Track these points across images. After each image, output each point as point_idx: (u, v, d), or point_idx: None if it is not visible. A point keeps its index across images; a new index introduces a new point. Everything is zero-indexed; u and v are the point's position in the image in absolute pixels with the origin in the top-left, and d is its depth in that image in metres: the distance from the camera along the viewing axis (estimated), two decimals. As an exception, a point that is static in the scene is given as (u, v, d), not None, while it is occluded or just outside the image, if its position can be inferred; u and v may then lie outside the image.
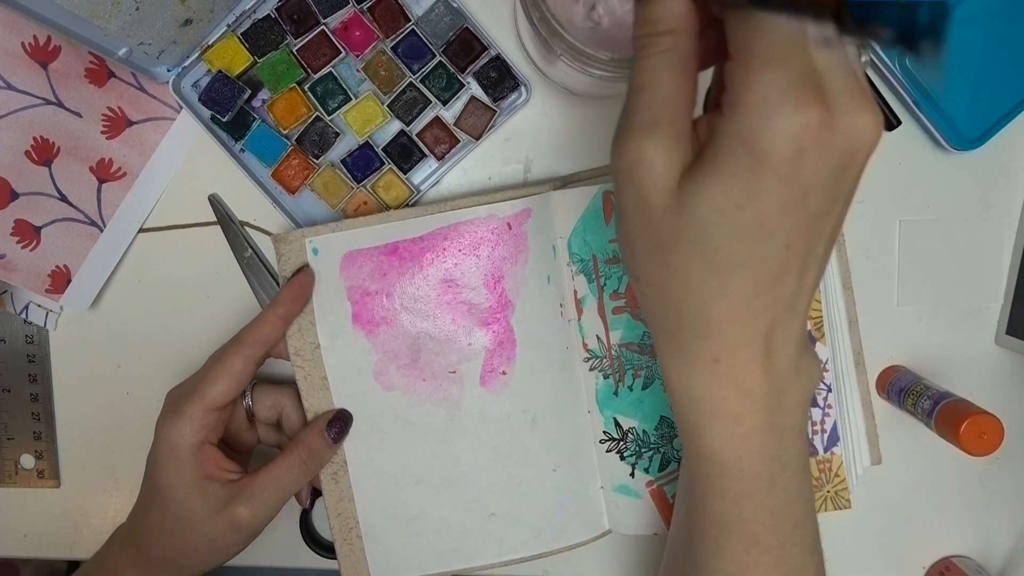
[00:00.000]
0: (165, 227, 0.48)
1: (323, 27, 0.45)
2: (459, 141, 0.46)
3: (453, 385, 0.44)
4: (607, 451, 0.46)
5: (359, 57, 0.45)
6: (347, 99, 0.46)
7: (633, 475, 0.46)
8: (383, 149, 0.46)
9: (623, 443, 0.46)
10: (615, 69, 0.34)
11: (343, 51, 0.45)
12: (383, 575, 0.45)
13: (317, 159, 0.46)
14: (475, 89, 0.46)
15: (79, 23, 0.37)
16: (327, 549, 0.48)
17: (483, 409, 0.45)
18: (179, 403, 0.40)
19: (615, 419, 0.46)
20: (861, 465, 0.48)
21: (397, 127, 0.46)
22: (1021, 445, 0.49)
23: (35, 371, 0.49)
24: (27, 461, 0.50)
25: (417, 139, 0.46)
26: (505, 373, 0.44)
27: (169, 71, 0.45)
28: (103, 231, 0.47)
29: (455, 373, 0.44)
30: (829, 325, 0.46)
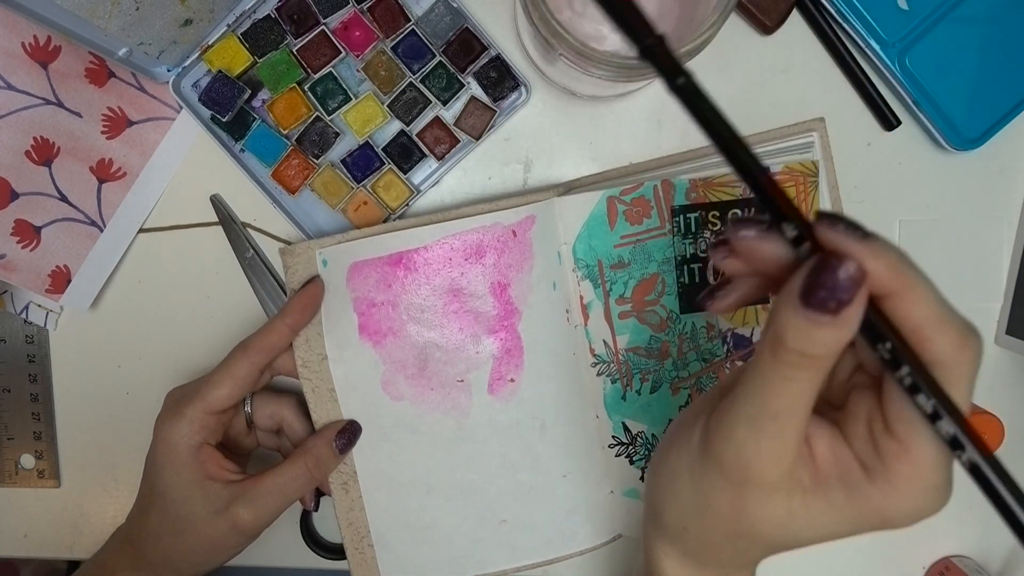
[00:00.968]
0: (165, 227, 0.48)
1: (323, 27, 0.45)
2: (459, 141, 0.46)
3: (461, 394, 0.44)
4: (616, 455, 0.46)
5: (359, 57, 0.45)
6: (347, 99, 0.46)
7: (643, 479, 0.46)
8: (383, 149, 0.46)
9: (632, 447, 0.46)
10: (615, 69, 0.34)
11: (343, 51, 0.45)
12: None
13: (317, 159, 0.46)
14: (475, 89, 0.46)
15: (79, 23, 0.37)
16: (327, 550, 0.48)
17: (492, 417, 0.45)
18: (180, 404, 0.40)
19: (624, 423, 0.46)
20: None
21: (397, 127, 0.46)
22: (1021, 445, 0.49)
23: (35, 371, 0.49)
24: (27, 461, 0.50)
25: (417, 139, 0.46)
26: (513, 380, 0.44)
27: (169, 71, 0.45)
28: (103, 231, 0.47)
29: (463, 382, 0.44)
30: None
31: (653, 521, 0.30)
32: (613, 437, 0.46)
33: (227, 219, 0.48)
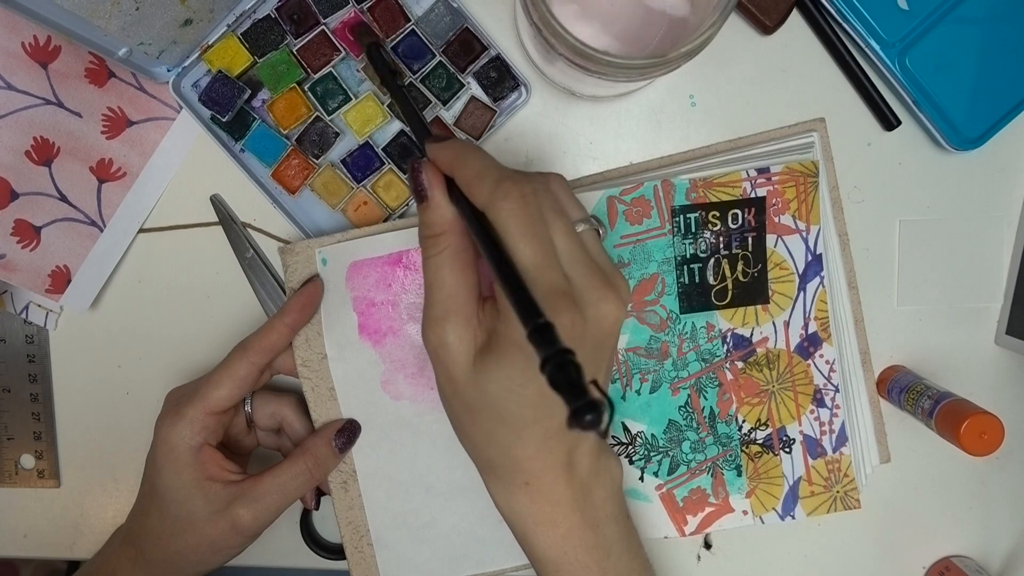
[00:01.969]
0: (165, 227, 0.48)
1: (323, 27, 0.45)
2: (459, 141, 0.46)
3: None
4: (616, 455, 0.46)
5: (359, 57, 0.45)
6: (347, 99, 0.46)
7: (643, 479, 0.46)
8: (383, 149, 0.46)
9: (632, 447, 0.46)
10: (615, 69, 0.34)
11: (343, 51, 0.45)
12: None
13: (317, 159, 0.46)
14: (475, 89, 0.46)
15: (79, 23, 0.37)
16: (327, 550, 0.48)
17: None
18: (180, 404, 0.40)
19: (623, 423, 0.46)
20: (870, 464, 0.48)
21: (397, 127, 0.46)
22: (1021, 445, 0.49)
23: (35, 371, 0.49)
24: (27, 461, 0.50)
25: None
26: None
27: (169, 71, 0.45)
28: (103, 231, 0.47)
29: None
30: (835, 325, 0.46)
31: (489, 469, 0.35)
32: (613, 437, 0.46)
33: (227, 219, 0.48)
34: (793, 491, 0.47)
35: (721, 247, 0.45)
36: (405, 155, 0.46)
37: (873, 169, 0.47)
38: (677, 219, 0.45)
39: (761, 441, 0.46)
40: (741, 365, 0.46)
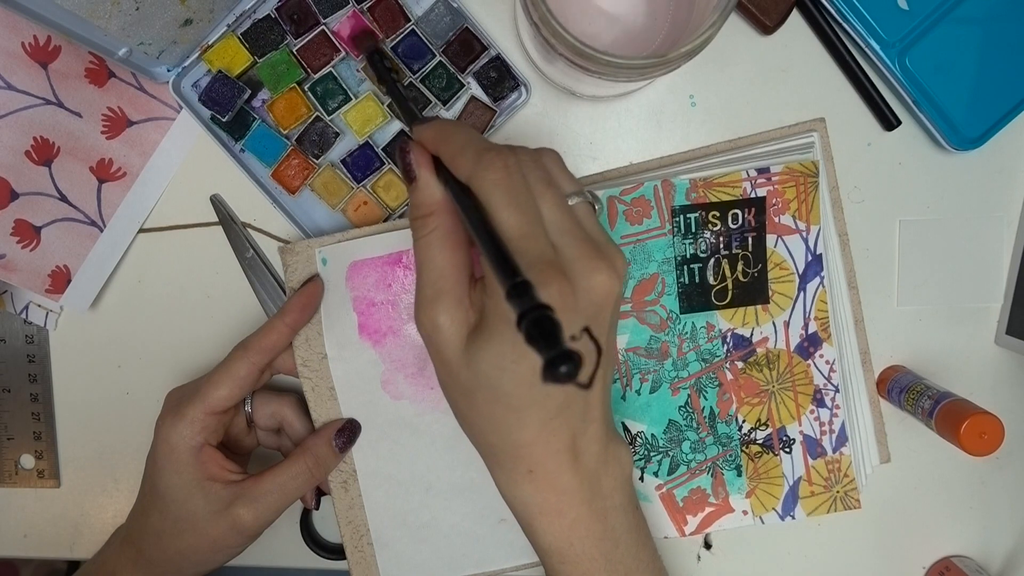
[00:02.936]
0: (165, 227, 0.48)
1: (323, 27, 0.45)
2: (459, 141, 0.46)
3: None
4: None
5: (359, 57, 0.45)
6: (347, 99, 0.46)
7: (643, 479, 0.46)
8: (383, 149, 0.46)
9: (632, 447, 0.46)
10: (615, 69, 0.34)
11: (343, 51, 0.45)
12: None
13: (317, 159, 0.46)
14: (475, 89, 0.46)
15: (79, 23, 0.37)
16: (327, 550, 0.48)
17: None
18: (180, 404, 0.40)
19: (623, 424, 0.46)
20: (871, 464, 0.48)
21: (397, 127, 0.46)
22: (1021, 445, 0.49)
23: (35, 371, 0.49)
24: (27, 461, 0.50)
25: (417, 139, 0.46)
26: None
27: (169, 71, 0.45)
28: (103, 231, 0.47)
29: None
30: (835, 325, 0.46)
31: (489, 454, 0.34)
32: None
33: (227, 219, 0.48)
34: (793, 491, 0.47)
35: (721, 247, 0.45)
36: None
37: (873, 169, 0.47)
38: (677, 219, 0.45)
39: (761, 441, 0.46)
40: (741, 365, 0.46)
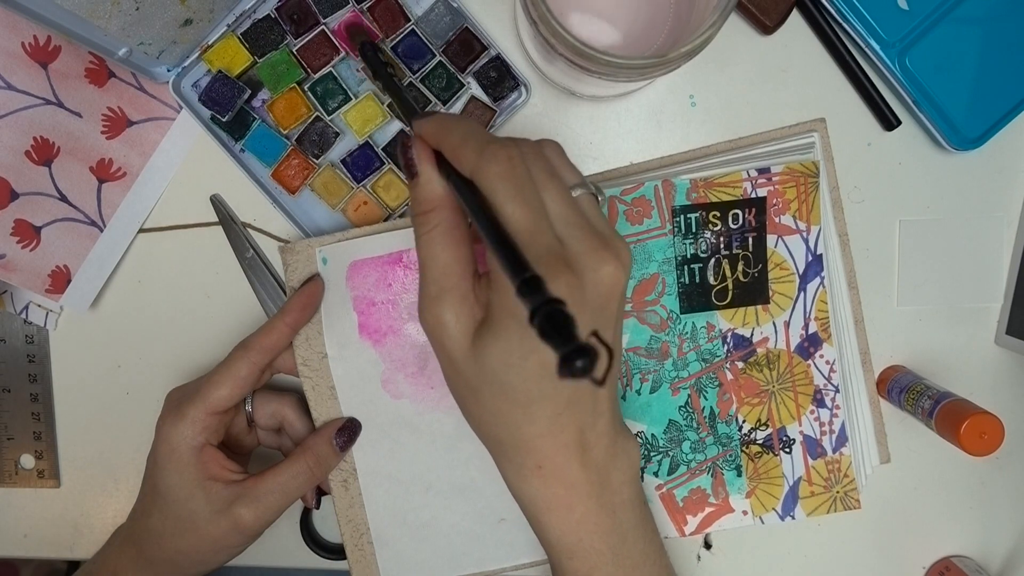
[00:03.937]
0: (165, 227, 0.48)
1: (323, 27, 0.45)
2: (459, 141, 0.46)
3: None
4: None
5: (359, 57, 0.45)
6: (347, 99, 0.46)
7: (642, 479, 0.46)
8: (383, 149, 0.46)
9: None
10: (615, 69, 0.34)
11: (343, 51, 0.45)
12: None
13: (317, 159, 0.46)
14: (475, 89, 0.46)
15: (79, 23, 0.37)
16: (327, 549, 0.48)
17: None
18: (181, 404, 0.40)
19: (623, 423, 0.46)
20: (870, 464, 0.48)
21: (397, 127, 0.46)
22: (1021, 445, 0.49)
23: (35, 371, 0.49)
24: (27, 461, 0.50)
25: (417, 139, 0.46)
26: None
27: (169, 71, 0.45)
28: (103, 231, 0.47)
29: None
30: (835, 325, 0.46)
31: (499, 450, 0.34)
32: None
33: (227, 219, 0.48)
34: (793, 491, 0.47)
35: (721, 247, 0.45)
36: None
37: (873, 169, 0.47)
38: (677, 219, 0.45)
39: (761, 441, 0.46)
40: (741, 365, 0.46)
